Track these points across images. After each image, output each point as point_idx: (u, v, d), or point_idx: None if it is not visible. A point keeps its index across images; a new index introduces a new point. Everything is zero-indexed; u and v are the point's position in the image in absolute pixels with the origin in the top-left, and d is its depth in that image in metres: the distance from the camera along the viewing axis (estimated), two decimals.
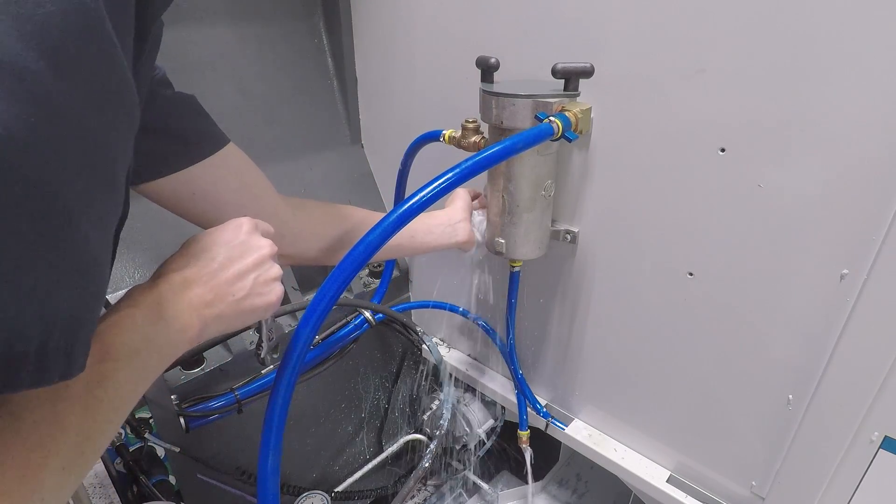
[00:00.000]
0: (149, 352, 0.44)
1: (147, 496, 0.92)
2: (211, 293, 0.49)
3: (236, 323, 0.53)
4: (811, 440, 0.76)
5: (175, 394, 0.93)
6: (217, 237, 0.53)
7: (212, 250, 0.52)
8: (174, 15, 0.95)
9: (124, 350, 0.41)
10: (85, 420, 0.37)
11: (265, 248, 0.54)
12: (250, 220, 0.56)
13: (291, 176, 1.13)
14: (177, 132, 0.60)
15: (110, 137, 0.33)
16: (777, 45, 0.63)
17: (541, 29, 0.83)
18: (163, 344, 0.45)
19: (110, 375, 0.40)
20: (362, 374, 1.30)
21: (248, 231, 0.54)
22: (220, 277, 0.50)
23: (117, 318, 0.43)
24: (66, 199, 0.29)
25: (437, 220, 0.88)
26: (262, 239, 0.55)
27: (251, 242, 0.54)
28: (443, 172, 0.60)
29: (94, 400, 0.38)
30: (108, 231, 0.35)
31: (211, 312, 0.49)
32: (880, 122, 0.59)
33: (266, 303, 0.54)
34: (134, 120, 0.36)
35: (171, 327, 0.46)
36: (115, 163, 0.34)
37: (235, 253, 0.52)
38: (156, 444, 0.94)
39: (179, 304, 0.47)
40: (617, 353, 0.96)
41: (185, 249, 0.52)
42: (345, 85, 1.19)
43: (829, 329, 0.69)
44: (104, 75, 0.31)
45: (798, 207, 0.67)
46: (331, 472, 1.32)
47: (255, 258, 0.53)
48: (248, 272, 0.52)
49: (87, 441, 0.37)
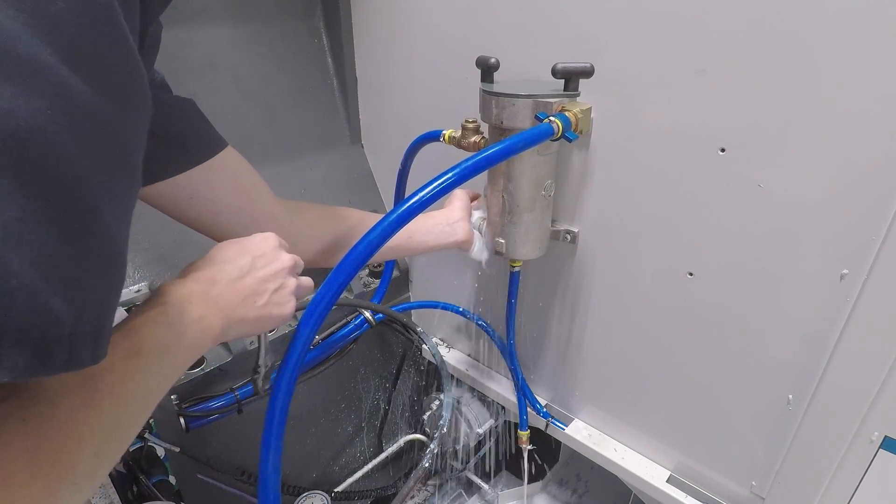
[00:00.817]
0: (178, 348, 0.46)
1: (147, 496, 0.92)
2: (236, 297, 0.52)
3: (255, 328, 0.55)
4: (811, 440, 0.76)
5: (175, 394, 0.93)
6: (244, 246, 0.56)
7: (239, 258, 0.55)
8: (174, 15, 0.95)
9: (156, 345, 0.43)
10: (118, 409, 0.38)
11: (287, 262, 0.58)
12: (275, 235, 0.60)
13: (291, 176, 1.13)
14: (175, 137, 0.60)
15: (128, 128, 0.34)
16: (777, 46, 0.63)
17: (541, 29, 0.83)
18: (190, 341, 0.47)
19: (142, 369, 0.41)
20: (362, 374, 1.30)
21: (273, 245, 0.58)
22: (245, 283, 0.53)
23: (152, 314, 0.44)
24: (91, 191, 0.30)
25: (436, 220, 0.88)
26: (285, 254, 0.59)
27: (275, 255, 0.57)
28: (443, 172, 0.60)
29: (126, 392, 0.39)
30: (128, 222, 0.37)
31: (235, 315, 0.52)
32: (880, 122, 0.59)
33: (282, 313, 0.57)
34: (148, 110, 0.37)
35: (199, 325, 0.48)
36: (134, 153, 0.36)
37: (260, 263, 0.55)
38: (156, 444, 0.94)
39: (207, 304, 0.50)
40: (617, 353, 0.96)
41: (214, 254, 0.55)
42: (345, 85, 1.19)
43: (829, 329, 0.69)
44: (119, 67, 0.32)
45: (798, 207, 0.67)
46: (331, 472, 1.32)
47: (278, 269, 0.56)
48: (270, 281, 0.55)
49: (119, 429, 0.39)
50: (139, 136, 0.37)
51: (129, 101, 0.33)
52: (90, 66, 0.30)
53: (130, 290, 0.89)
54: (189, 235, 0.94)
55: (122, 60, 0.32)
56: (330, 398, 1.25)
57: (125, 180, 0.35)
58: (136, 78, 0.34)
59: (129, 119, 0.34)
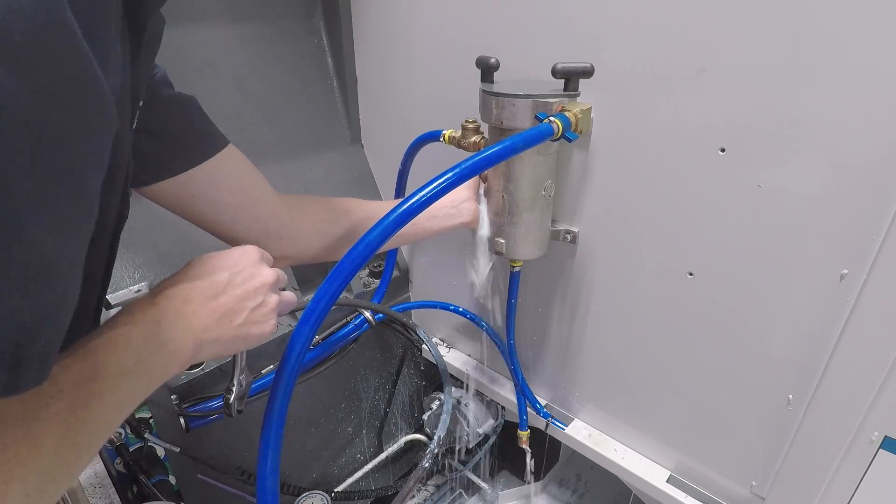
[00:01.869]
0: (139, 374, 0.43)
1: (147, 496, 0.92)
2: (210, 317, 0.49)
3: (230, 348, 0.53)
4: (811, 440, 0.75)
5: (175, 394, 0.93)
6: (222, 261, 0.53)
7: (216, 274, 0.52)
8: (174, 15, 0.95)
9: (115, 370, 0.40)
10: (63, 443, 0.35)
11: (268, 278, 0.55)
12: (257, 248, 0.57)
13: (291, 176, 1.13)
14: (176, 135, 0.59)
15: (74, 137, 0.31)
16: (777, 45, 0.63)
17: (541, 29, 0.83)
18: (155, 366, 0.44)
19: (97, 396, 0.38)
20: (362, 375, 1.30)
21: (253, 259, 0.55)
22: (221, 301, 0.51)
23: (113, 336, 0.42)
24: (12, 199, 0.27)
25: (440, 203, 0.87)
26: (266, 268, 0.56)
27: (255, 270, 0.54)
28: (442, 172, 0.60)
29: (76, 421, 0.36)
30: (76, 236, 0.33)
31: (208, 336, 0.49)
32: (880, 122, 0.58)
33: (261, 332, 0.54)
34: (108, 120, 0.34)
35: (166, 349, 0.45)
36: (83, 164, 0.32)
37: (239, 279, 0.53)
38: (156, 444, 0.94)
39: (177, 325, 0.47)
40: (617, 353, 0.96)
41: (189, 269, 0.52)
42: (345, 85, 1.19)
43: (829, 329, 0.69)
44: (65, 73, 0.29)
45: (798, 207, 0.67)
46: (331, 472, 1.32)
47: (257, 286, 0.54)
48: (247, 299, 0.53)
49: (60, 466, 0.35)
50: (93, 144, 0.33)
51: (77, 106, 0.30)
52: (25, 67, 0.27)
53: (130, 290, 0.89)
54: (189, 235, 0.95)
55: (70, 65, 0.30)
56: (330, 398, 1.25)
57: (67, 191, 0.31)
58: (89, 84, 0.31)
59: (75, 126, 0.31)
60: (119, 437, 0.95)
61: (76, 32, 0.29)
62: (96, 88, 0.32)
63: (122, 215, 0.50)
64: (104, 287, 0.51)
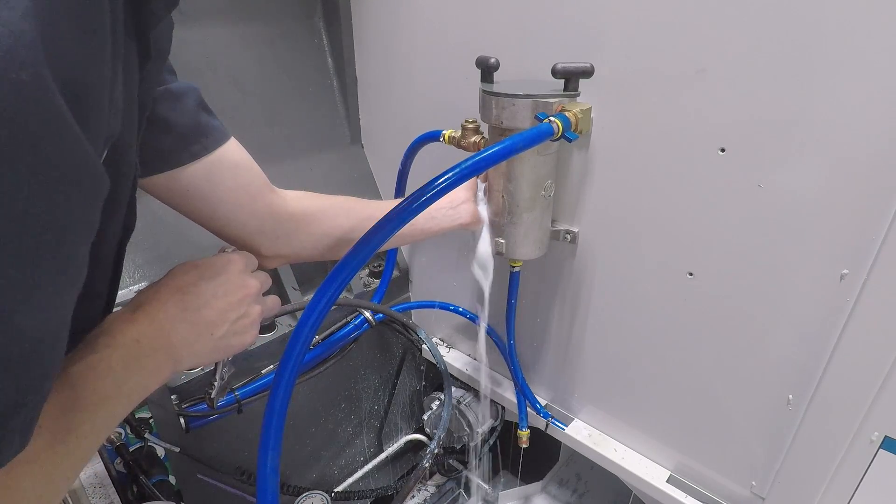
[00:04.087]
0: (118, 398, 0.42)
1: (147, 496, 0.92)
2: (191, 330, 0.49)
3: (210, 359, 0.53)
4: (811, 440, 0.75)
5: (175, 394, 0.93)
6: (204, 271, 0.52)
7: (198, 286, 0.51)
8: (174, 15, 0.95)
9: (94, 398, 0.39)
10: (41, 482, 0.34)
11: (252, 288, 0.54)
12: (242, 258, 0.56)
13: (291, 176, 1.13)
14: (176, 127, 0.58)
15: (59, 216, 0.29)
16: (777, 45, 0.63)
17: (541, 29, 0.83)
18: (133, 389, 0.44)
19: (76, 427, 0.37)
20: (362, 374, 1.30)
21: (237, 270, 0.54)
22: (202, 314, 0.50)
23: (92, 361, 0.41)
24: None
25: (439, 204, 0.87)
26: (251, 278, 0.55)
27: (239, 281, 0.54)
28: (442, 172, 0.60)
29: (54, 457, 0.35)
30: (63, 307, 0.33)
31: (188, 350, 0.49)
32: (880, 121, 0.58)
33: (241, 343, 0.54)
34: (99, 187, 0.33)
35: (145, 369, 0.45)
36: (71, 239, 0.31)
37: (221, 291, 0.52)
38: (156, 444, 0.94)
39: (157, 342, 0.46)
40: (617, 353, 0.96)
41: (171, 280, 0.51)
42: (345, 85, 1.19)
43: (829, 329, 0.69)
44: (48, 154, 0.27)
45: (798, 207, 0.67)
46: (331, 472, 1.32)
47: (240, 297, 0.53)
48: (230, 311, 0.52)
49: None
50: (83, 216, 0.32)
51: (62, 186, 0.29)
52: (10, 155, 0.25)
53: (130, 290, 0.89)
54: (189, 235, 0.95)
55: (54, 144, 0.28)
56: (330, 398, 1.25)
57: (55, 270, 0.30)
58: (76, 161, 0.30)
59: (61, 205, 0.29)
60: (119, 437, 0.95)
61: (64, 115, 0.27)
62: (85, 164, 0.30)
63: (129, 226, 0.49)
64: (111, 298, 0.50)
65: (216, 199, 0.63)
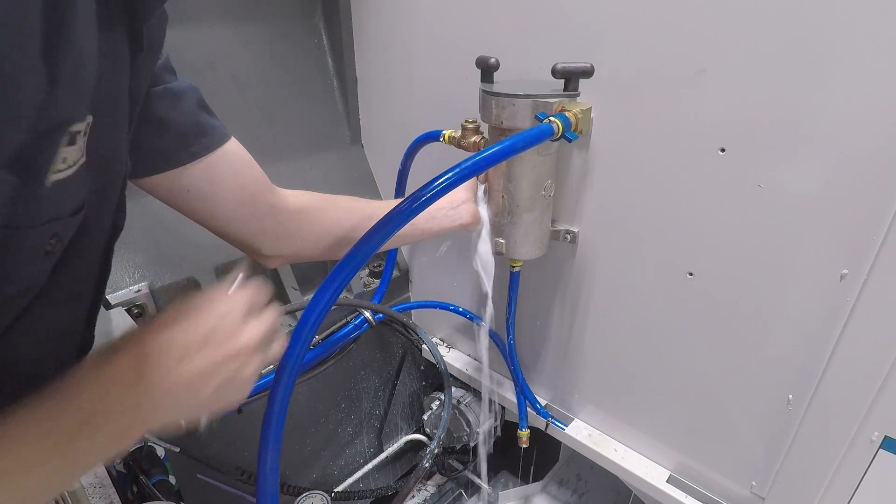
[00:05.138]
0: (62, 461, 0.36)
1: (147, 496, 0.92)
2: (177, 387, 0.42)
3: (191, 418, 0.46)
4: (811, 440, 0.75)
5: None
6: (196, 317, 0.44)
7: (191, 332, 0.43)
8: (174, 15, 0.95)
9: (37, 458, 0.35)
10: None
11: (251, 339, 0.46)
12: (244, 298, 0.47)
13: (291, 176, 1.13)
14: (176, 127, 0.57)
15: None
16: (777, 45, 0.63)
17: (541, 29, 0.83)
18: (85, 451, 0.38)
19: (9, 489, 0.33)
20: (362, 374, 1.30)
21: (237, 315, 0.46)
22: (187, 369, 0.42)
23: (36, 417, 0.35)
24: None
25: (439, 204, 0.87)
26: (252, 325, 0.47)
27: (237, 329, 0.45)
28: (442, 172, 0.60)
29: None
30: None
31: (164, 411, 0.42)
32: (880, 121, 0.58)
33: (231, 403, 0.46)
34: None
35: (109, 430, 0.38)
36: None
37: (216, 339, 0.44)
38: (156, 444, 0.94)
39: (132, 397, 0.39)
40: (617, 353, 0.96)
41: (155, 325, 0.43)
42: (345, 85, 1.19)
43: (829, 329, 0.69)
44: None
45: (798, 207, 0.67)
46: (331, 472, 1.32)
47: (239, 348, 0.45)
48: (221, 366, 0.44)
49: None
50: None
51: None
52: None
53: (130, 290, 0.89)
54: (189, 236, 0.95)
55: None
56: (330, 398, 1.25)
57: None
58: None
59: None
60: None
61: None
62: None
63: (118, 225, 0.48)
64: (96, 299, 0.48)
65: (217, 198, 0.63)
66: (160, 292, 0.93)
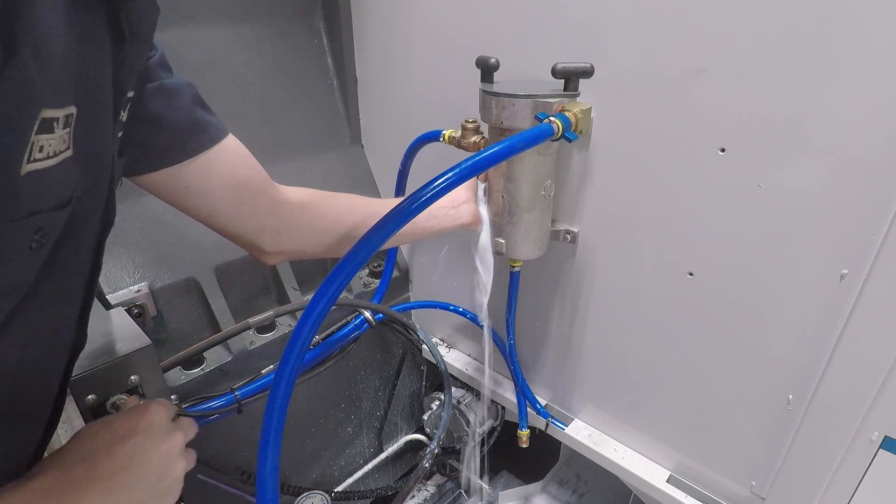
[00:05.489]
0: None
1: None
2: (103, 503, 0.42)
3: None
4: (811, 440, 0.75)
5: (175, 394, 0.93)
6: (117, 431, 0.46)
7: (111, 449, 0.45)
8: (174, 15, 0.95)
9: None
10: None
11: (174, 445, 0.50)
12: (160, 408, 0.51)
13: (291, 176, 1.13)
14: (173, 125, 0.56)
15: None
16: (777, 46, 0.63)
17: (541, 29, 0.83)
18: None
19: None
20: (362, 374, 1.30)
21: (157, 425, 0.49)
22: (117, 482, 0.43)
23: None
24: None
25: (440, 203, 0.87)
26: (172, 432, 0.50)
27: (159, 438, 0.49)
28: (443, 172, 0.60)
29: None
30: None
31: None
32: (880, 122, 0.58)
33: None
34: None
35: None
36: None
37: (138, 451, 0.46)
38: None
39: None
40: (617, 353, 0.96)
41: (78, 444, 0.45)
42: (345, 85, 1.19)
43: (829, 329, 0.69)
44: None
45: (798, 207, 0.67)
46: (331, 472, 1.32)
47: (161, 455, 0.49)
48: (149, 473, 0.47)
49: None
50: None
51: None
52: None
53: (130, 290, 0.89)
54: (189, 236, 0.95)
55: None
56: (330, 398, 1.25)
57: None
58: None
59: None
60: None
61: None
62: None
63: (108, 222, 0.47)
64: (88, 297, 0.48)
65: (216, 195, 0.63)
66: (160, 292, 0.93)
